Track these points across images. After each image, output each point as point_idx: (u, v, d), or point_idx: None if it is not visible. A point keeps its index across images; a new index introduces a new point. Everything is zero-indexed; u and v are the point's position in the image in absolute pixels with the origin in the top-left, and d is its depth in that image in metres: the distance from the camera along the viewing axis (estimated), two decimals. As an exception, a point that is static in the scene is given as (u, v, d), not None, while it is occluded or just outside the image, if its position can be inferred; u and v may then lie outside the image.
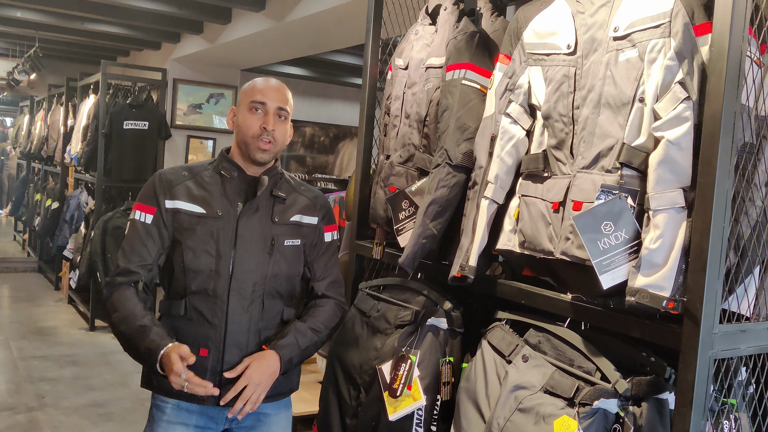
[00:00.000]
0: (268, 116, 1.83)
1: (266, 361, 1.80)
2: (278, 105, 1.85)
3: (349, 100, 9.68)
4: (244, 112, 1.85)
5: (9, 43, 8.67)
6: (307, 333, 1.89)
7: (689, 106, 1.34)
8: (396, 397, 1.84)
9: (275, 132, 1.84)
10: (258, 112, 1.83)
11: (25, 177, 10.30)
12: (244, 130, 1.84)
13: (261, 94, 1.84)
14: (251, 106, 1.83)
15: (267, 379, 1.79)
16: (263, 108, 1.83)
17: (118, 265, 1.82)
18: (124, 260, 1.82)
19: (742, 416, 1.48)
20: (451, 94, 1.87)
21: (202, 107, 7.49)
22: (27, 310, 6.72)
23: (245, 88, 1.90)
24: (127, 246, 1.83)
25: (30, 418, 4.11)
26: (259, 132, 1.82)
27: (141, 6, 5.50)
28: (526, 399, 1.51)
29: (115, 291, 1.80)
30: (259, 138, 1.82)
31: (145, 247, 1.82)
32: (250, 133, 1.83)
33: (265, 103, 1.83)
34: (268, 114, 1.83)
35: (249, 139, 1.83)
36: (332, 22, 4.78)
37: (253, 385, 1.76)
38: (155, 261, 1.84)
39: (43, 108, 9.09)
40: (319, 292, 1.97)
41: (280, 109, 1.85)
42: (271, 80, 1.90)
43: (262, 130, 1.82)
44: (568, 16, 1.60)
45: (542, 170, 1.62)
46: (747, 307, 1.44)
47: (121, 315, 1.77)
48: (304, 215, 1.93)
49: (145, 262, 1.82)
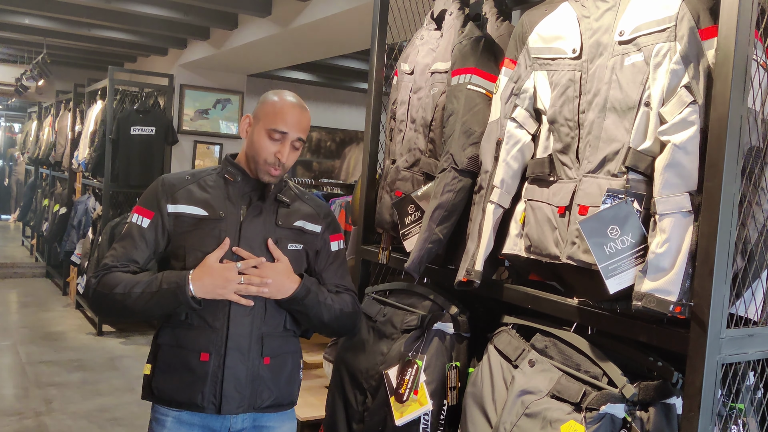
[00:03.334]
0: (284, 147, 1.81)
1: (288, 272, 1.82)
2: (298, 136, 1.82)
3: (356, 105, 9.69)
4: (261, 132, 1.81)
5: (17, 50, 8.72)
6: (326, 293, 1.89)
7: (695, 110, 1.33)
8: (402, 402, 1.84)
9: (288, 161, 1.83)
10: (276, 140, 1.80)
11: (33, 182, 10.36)
12: (258, 151, 1.82)
13: (283, 123, 1.80)
14: (271, 133, 1.80)
15: (279, 280, 1.79)
16: (282, 137, 1.80)
17: (105, 263, 1.80)
18: (113, 259, 1.80)
19: (751, 421, 1.47)
20: (457, 98, 1.87)
21: (209, 113, 7.51)
22: (35, 316, 6.75)
23: (268, 105, 1.84)
24: (119, 246, 1.82)
25: (38, 423, 4.12)
26: (273, 160, 1.81)
27: (148, 12, 5.52)
28: (532, 404, 1.51)
29: (104, 276, 1.78)
30: (272, 165, 1.81)
31: (136, 250, 1.81)
32: (263, 157, 1.81)
33: (287, 134, 1.80)
34: (285, 145, 1.81)
35: (260, 162, 1.82)
36: (338, 27, 4.79)
37: (265, 269, 1.78)
38: (144, 266, 1.83)
39: (51, 114, 9.15)
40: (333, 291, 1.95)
41: (299, 140, 1.83)
42: (296, 106, 1.84)
43: (276, 159, 1.81)
44: (573, 20, 1.60)
45: (548, 174, 1.62)
46: (755, 312, 1.43)
47: (122, 285, 1.75)
48: (308, 222, 1.92)
49: (134, 264, 1.81)
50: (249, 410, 1.82)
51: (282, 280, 1.80)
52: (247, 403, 1.81)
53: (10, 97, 11.37)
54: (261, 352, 1.82)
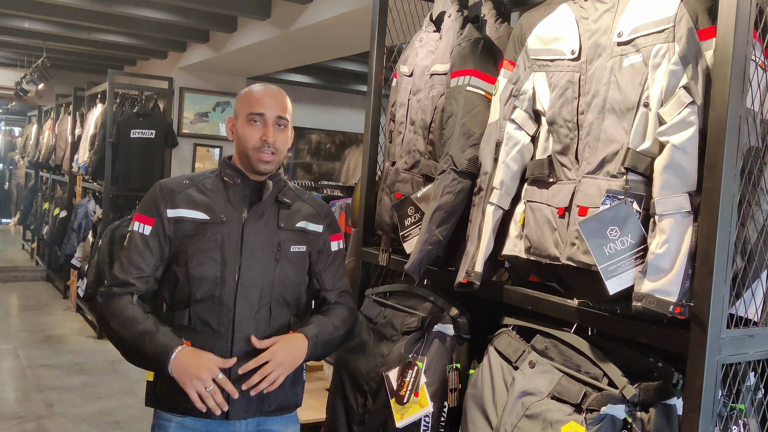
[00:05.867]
0: (267, 128, 1.80)
1: (294, 343, 1.78)
2: (277, 114, 1.81)
3: (355, 107, 9.70)
4: (242, 123, 1.82)
5: (17, 54, 8.73)
6: (329, 326, 1.87)
7: (694, 111, 1.34)
8: (403, 404, 1.84)
9: (276, 142, 1.81)
10: (257, 123, 1.80)
11: (34, 186, 10.36)
12: (244, 142, 1.81)
13: (258, 105, 1.80)
14: (249, 118, 1.80)
15: (290, 362, 1.76)
16: (262, 119, 1.80)
17: (115, 276, 1.79)
18: (121, 272, 1.79)
19: (751, 421, 1.47)
20: (456, 100, 1.87)
21: (209, 115, 7.52)
22: (35, 319, 6.74)
23: (242, 97, 1.86)
24: (125, 257, 1.80)
25: (38, 427, 4.12)
26: (259, 144, 1.79)
27: (147, 16, 5.52)
28: (533, 405, 1.51)
29: (111, 300, 1.77)
30: (261, 150, 1.79)
31: (143, 259, 1.79)
32: (250, 146, 1.80)
33: (264, 114, 1.79)
34: (268, 125, 1.80)
35: (250, 152, 1.80)
36: (337, 30, 4.79)
37: (275, 362, 1.73)
38: (152, 273, 1.80)
39: (51, 117, 9.15)
40: (331, 300, 1.95)
41: (280, 118, 1.81)
42: (268, 87, 1.85)
43: (263, 142, 1.79)
44: (572, 21, 1.60)
45: (547, 176, 1.62)
46: (755, 312, 1.43)
47: (120, 321, 1.74)
48: (309, 222, 1.91)
49: (142, 274, 1.79)
50: (256, 414, 1.81)
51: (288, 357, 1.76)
52: (255, 408, 1.80)
53: (10, 100, 11.40)
54: None
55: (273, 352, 1.74)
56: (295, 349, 1.78)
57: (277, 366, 1.74)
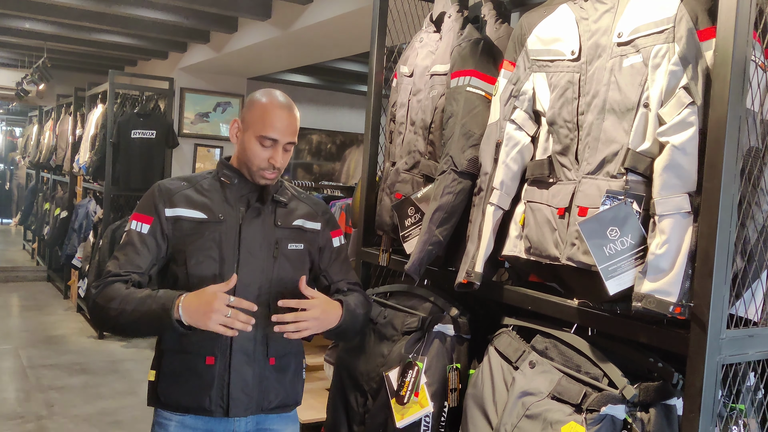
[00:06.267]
0: (277, 152, 1.80)
1: (332, 305, 1.78)
2: (289, 140, 1.81)
3: (355, 108, 9.69)
4: (252, 139, 1.80)
5: (18, 54, 8.73)
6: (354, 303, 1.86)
7: (694, 111, 1.34)
8: (403, 404, 1.84)
9: (281, 165, 1.82)
10: (267, 147, 1.80)
11: (34, 186, 10.37)
12: (250, 157, 1.81)
13: (272, 130, 1.78)
14: (262, 140, 1.79)
15: (324, 321, 1.75)
16: (273, 144, 1.80)
17: (108, 271, 1.78)
18: (115, 267, 1.78)
19: (751, 422, 1.47)
20: (456, 101, 1.88)
21: (209, 116, 7.53)
22: (36, 319, 6.75)
23: (255, 111, 1.81)
24: (120, 254, 1.80)
25: (39, 427, 4.12)
26: (266, 165, 1.80)
27: (148, 16, 5.53)
28: (533, 405, 1.51)
29: (105, 288, 1.75)
30: (265, 170, 1.81)
31: (139, 256, 1.79)
32: (256, 164, 1.81)
33: (277, 140, 1.79)
34: (278, 150, 1.80)
35: (254, 168, 1.81)
36: (337, 30, 4.80)
37: (312, 314, 1.72)
38: (147, 271, 1.80)
39: (52, 118, 9.16)
40: (344, 288, 1.95)
41: (290, 143, 1.82)
42: (285, 109, 1.81)
43: (270, 164, 1.80)
44: (572, 22, 1.60)
45: (547, 176, 1.63)
46: (754, 312, 1.43)
47: (119, 299, 1.71)
48: (307, 220, 1.92)
49: (138, 270, 1.78)
50: (257, 412, 1.82)
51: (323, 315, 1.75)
52: (255, 405, 1.81)
53: (10, 101, 11.40)
54: (266, 353, 1.82)
55: (314, 305, 1.73)
56: (332, 310, 1.78)
57: (313, 319, 1.72)
